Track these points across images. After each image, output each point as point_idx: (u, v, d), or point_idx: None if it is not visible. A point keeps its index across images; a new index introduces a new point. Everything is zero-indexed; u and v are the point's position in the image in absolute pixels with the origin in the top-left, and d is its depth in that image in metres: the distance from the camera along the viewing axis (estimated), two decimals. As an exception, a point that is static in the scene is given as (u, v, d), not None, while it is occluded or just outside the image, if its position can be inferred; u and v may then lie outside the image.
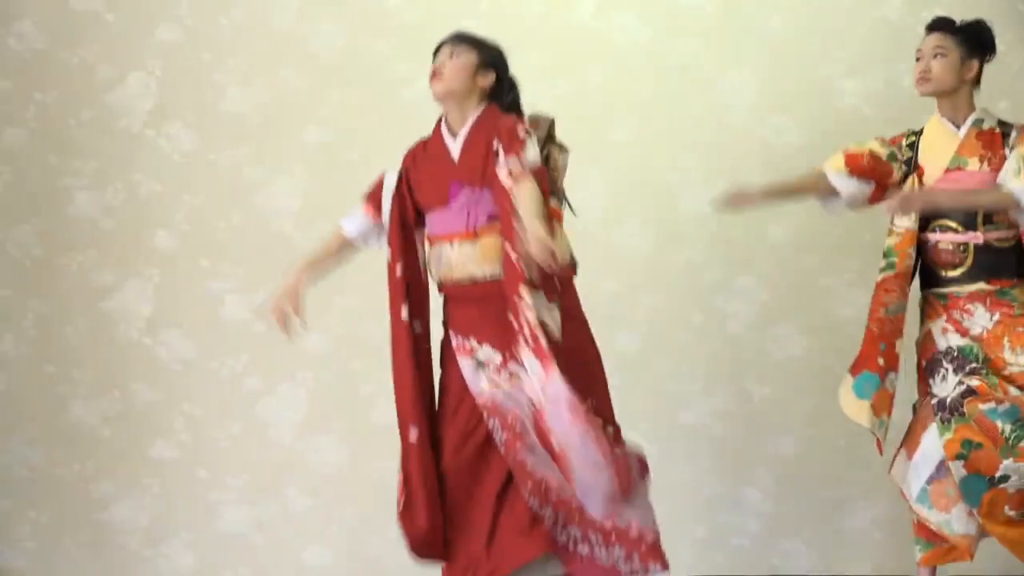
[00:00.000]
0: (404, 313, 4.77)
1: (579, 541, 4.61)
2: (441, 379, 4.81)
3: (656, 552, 4.63)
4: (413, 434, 4.71)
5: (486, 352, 4.68)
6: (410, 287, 4.81)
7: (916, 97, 6.19)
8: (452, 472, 4.68)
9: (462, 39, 4.89)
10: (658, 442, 5.79)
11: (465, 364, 4.71)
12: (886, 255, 5.21)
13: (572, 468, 4.53)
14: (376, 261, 6.14)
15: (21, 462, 6.23)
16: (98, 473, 6.24)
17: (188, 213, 6.26)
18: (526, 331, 4.52)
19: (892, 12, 6.27)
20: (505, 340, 4.62)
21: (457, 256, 4.73)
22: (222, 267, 6.26)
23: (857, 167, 5.25)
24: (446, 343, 4.81)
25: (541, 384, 4.51)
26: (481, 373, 4.67)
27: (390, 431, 4.92)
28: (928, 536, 5.15)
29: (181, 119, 6.27)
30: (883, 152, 5.26)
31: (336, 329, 6.22)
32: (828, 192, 5.32)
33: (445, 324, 4.83)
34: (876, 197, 5.29)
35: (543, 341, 4.49)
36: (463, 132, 4.79)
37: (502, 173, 4.61)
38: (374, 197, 4.93)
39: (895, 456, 5.27)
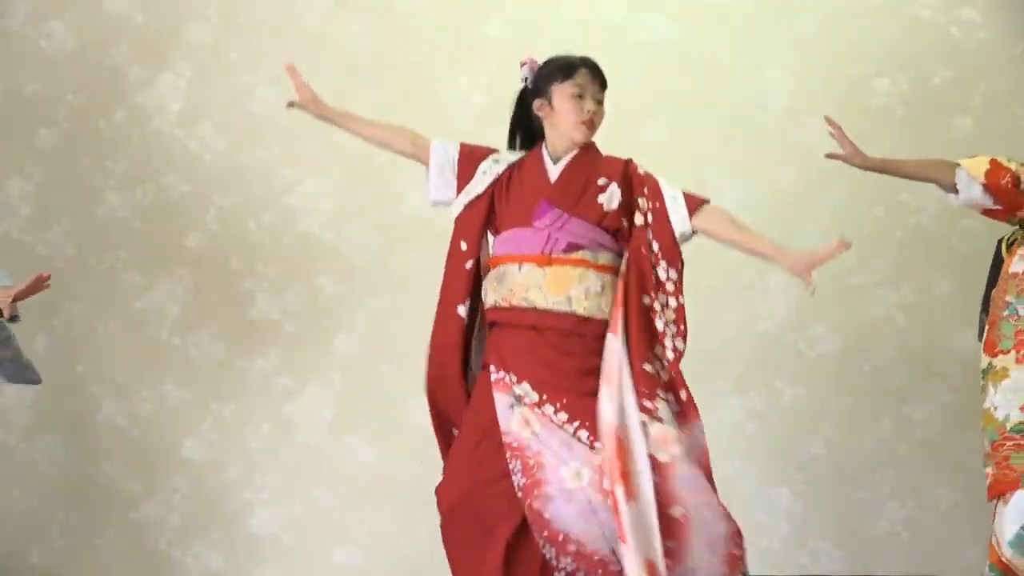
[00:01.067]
0: (463, 309, 4.64)
1: None
2: (467, 415, 4.64)
3: None
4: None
5: (524, 389, 4.53)
6: (476, 280, 4.66)
7: (948, 97, 6.22)
8: (465, 506, 4.55)
9: (606, 84, 4.71)
10: (689, 442, 5.78)
11: (501, 400, 4.54)
12: None
13: (690, 543, 4.45)
14: (403, 264, 6.17)
15: (51, 462, 6.24)
16: (128, 473, 6.25)
17: (218, 213, 6.27)
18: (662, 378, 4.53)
19: (924, 11, 6.26)
20: (546, 381, 4.51)
21: (522, 279, 4.55)
22: (253, 267, 6.26)
23: (995, 184, 4.99)
24: (483, 379, 4.63)
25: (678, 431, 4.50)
26: (515, 411, 4.52)
27: (420, 432, 4.92)
28: (1006, 571, 5.06)
29: (211, 120, 6.28)
30: None
31: (365, 329, 6.22)
32: (947, 184, 5.08)
33: (485, 360, 4.64)
34: (994, 215, 5.10)
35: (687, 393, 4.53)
36: (567, 159, 4.65)
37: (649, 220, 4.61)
38: (467, 165, 4.72)
39: (990, 500, 5.05)
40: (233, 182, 6.27)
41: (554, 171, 4.63)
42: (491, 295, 4.61)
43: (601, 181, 4.62)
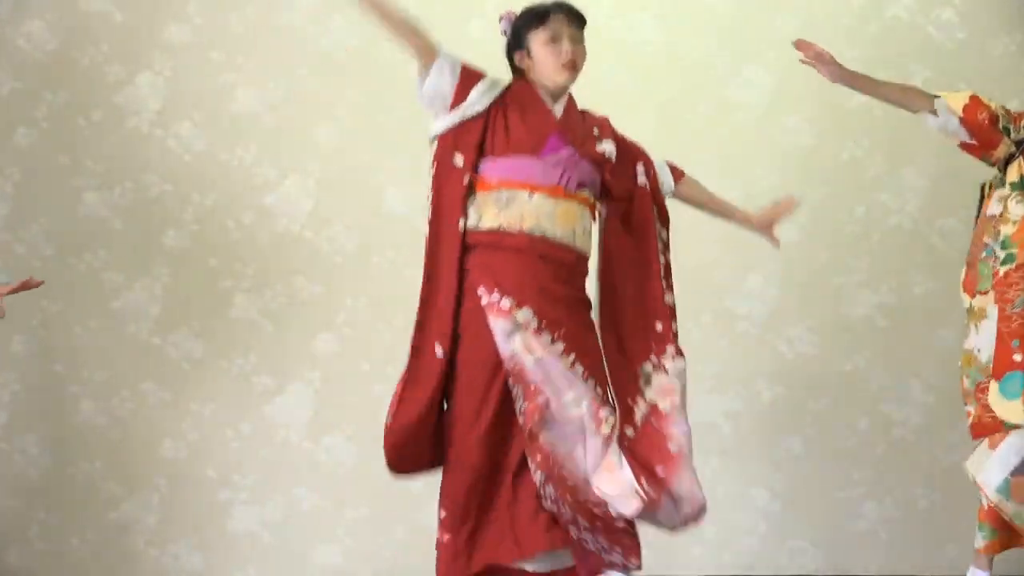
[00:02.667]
0: (462, 223, 4.58)
1: (570, 523, 4.54)
2: (459, 352, 4.59)
3: (636, 550, 4.57)
4: (439, 351, 4.57)
5: (525, 315, 4.52)
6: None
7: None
8: (471, 448, 4.53)
9: (583, 22, 4.74)
10: (669, 442, 5.78)
11: (498, 325, 4.53)
12: (1004, 246, 5.05)
13: (680, 472, 4.55)
14: (382, 264, 6.17)
15: (30, 462, 6.22)
16: (107, 473, 6.24)
17: (197, 213, 6.26)
18: (674, 337, 4.68)
19: (903, 12, 6.28)
20: (546, 309, 4.53)
21: (533, 208, 4.56)
22: (232, 266, 6.25)
23: (972, 118, 5.08)
24: (471, 307, 4.58)
25: (680, 387, 4.64)
26: (516, 336, 4.50)
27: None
28: (996, 524, 5.09)
29: (190, 119, 6.26)
30: (1003, 120, 5.11)
31: (344, 329, 6.22)
32: (926, 110, 5.15)
33: (473, 281, 4.58)
34: (970, 149, 5.15)
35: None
36: (562, 102, 4.70)
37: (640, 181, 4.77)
38: (466, 84, 4.65)
39: (975, 438, 5.14)
40: (212, 181, 6.25)
41: (557, 108, 4.67)
42: (490, 218, 4.58)
43: (595, 131, 4.70)
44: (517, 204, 4.57)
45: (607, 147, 4.71)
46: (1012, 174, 5.08)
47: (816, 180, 6.24)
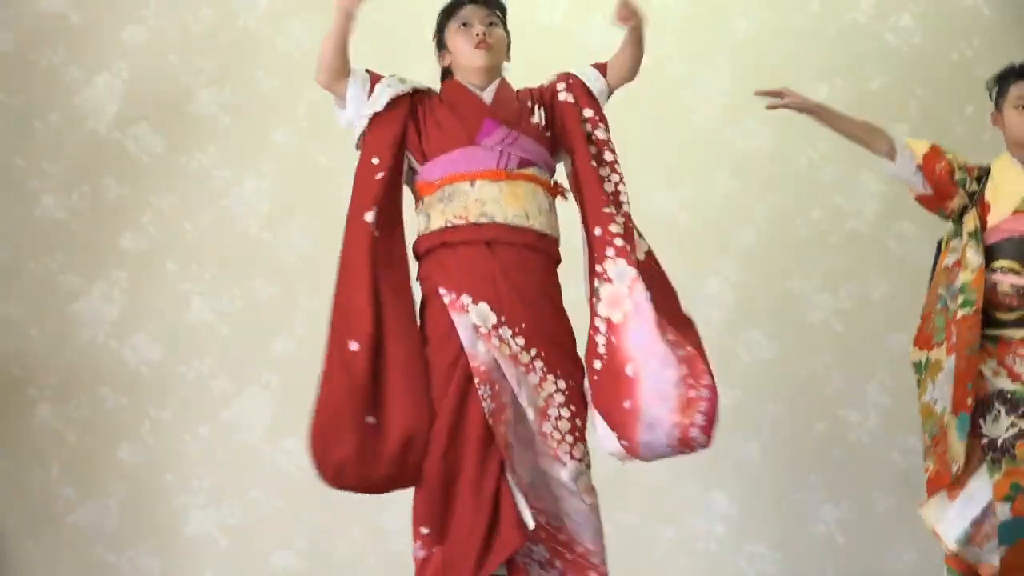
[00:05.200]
0: (370, 215, 4.49)
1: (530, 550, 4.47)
2: (429, 344, 4.51)
3: None
4: (353, 346, 4.48)
5: (481, 312, 4.45)
6: (385, 194, 4.54)
7: (885, 102, 6.27)
8: (445, 458, 4.43)
9: (496, 4, 4.72)
10: (626, 445, 5.79)
11: (461, 321, 4.46)
12: (962, 291, 5.01)
13: (641, 397, 4.38)
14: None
15: (-14, 466, 6.20)
16: (63, 477, 6.20)
17: (155, 215, 6.24)
18: (614, 238, 4.46)
19: (861, 17, 6.31)
20: (504, 300, 4.46)
21: (477, 195, 4.49)
22: (189, 269, 6.24)
23: (930, 168, 5.10)
24: (435, 303, 4.53)
25: (628, 289, 4.43)
26: (479, 333, 4.44)
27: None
28: (961, 568, 5.06)
29: (148, 121, 6.25)
30: (959, 173, 5.11)
31: (302, 331, 6.20)
32: (885, 153, 5.15)
33: (432, 285, 4.54)
34: (926, 201, 5.18)
35: (632, 251, 4.48)
36: (492, 87, 4.65)
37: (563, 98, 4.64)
38: (375, 81, 4.63)
39: (930, 496, 5.08)
40: (170, 184, 6.24)
41: (487, 95, 4.62)
42: (437, 217, 4.53)
43: (530, 104, 4.65)
44: (460, 196, 4.51)
45: (536, 118, 4.64)
46: (968, 224, 5.08)
47: (772, 184, 6.27)
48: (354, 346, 4.48)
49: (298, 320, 6.20)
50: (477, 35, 4.62)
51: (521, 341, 4.46)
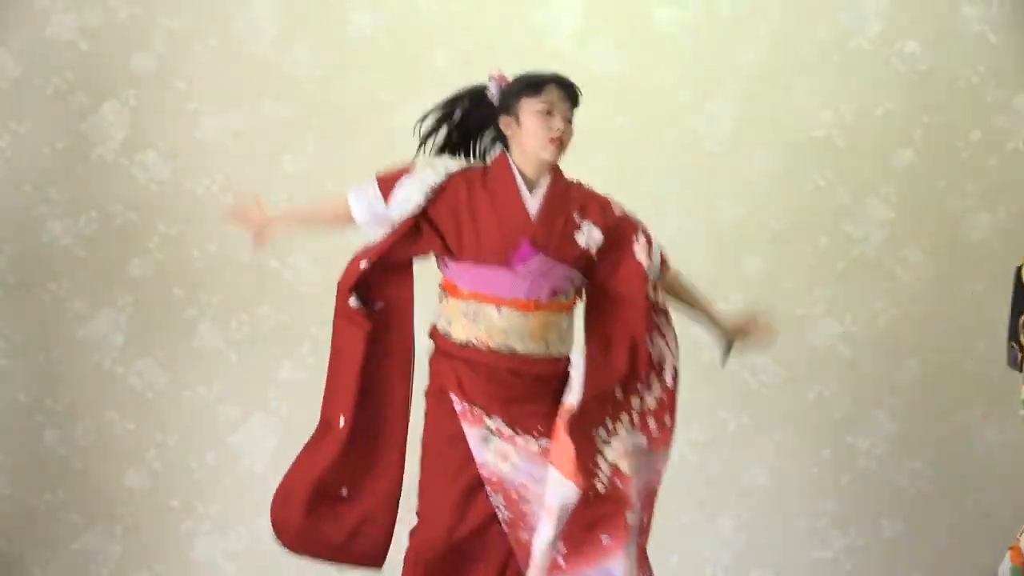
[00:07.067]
0: (353, 299, 4.58)
1: None
2: (432, 442, 4.54)
3: None
4: (342, 421, 4.54)
5: (496, 423, 4.43)
6: (371, 279, 4.60)
7: (890, 128, 6.26)
8: (449, 551, 4.42)
9: (576, 102, 4.53)
10: (634, 471, 5.78)
11: (472, 433, 4.44)
12: None
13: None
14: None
15: (-8, 491, 6.20)
16: (70, 503, 6.20)
17: (162, 242, 6.24)
18: (654, 421, 4.59)
19: (867, 43, 6.31)
20: (518, 414, 4.44)
21: (502, 323, 4.44)
22: (196, 295, 6.24)
23: None
24: (442, 403, 4.52)
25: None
26: (490, 443, 4.42)
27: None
28: None
29: (155, 148, 6.24)
30: None
31: (309, 359, 6.19)
32: None
33: (443, 384, 4.52)
34: None
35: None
36: (542, 188, 4.50)
37: (639, 258, 4.54)
38: (388, 185, 4.57)
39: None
40: (177, 210, 6.24)
41: (532, 203, 4.47)
42: (460, 330, 4.49)
43: (576, 217, 4.49)
44: (485, 319, 4.45)
45: (590, 236, 4.50)
46: None
47: (780, 211, 6.27)
48: (341, 422, 4.57)
49: (305, 347, 6.20)
50: (557, 129, 4.45)
51: (544, 442, 4.45)
